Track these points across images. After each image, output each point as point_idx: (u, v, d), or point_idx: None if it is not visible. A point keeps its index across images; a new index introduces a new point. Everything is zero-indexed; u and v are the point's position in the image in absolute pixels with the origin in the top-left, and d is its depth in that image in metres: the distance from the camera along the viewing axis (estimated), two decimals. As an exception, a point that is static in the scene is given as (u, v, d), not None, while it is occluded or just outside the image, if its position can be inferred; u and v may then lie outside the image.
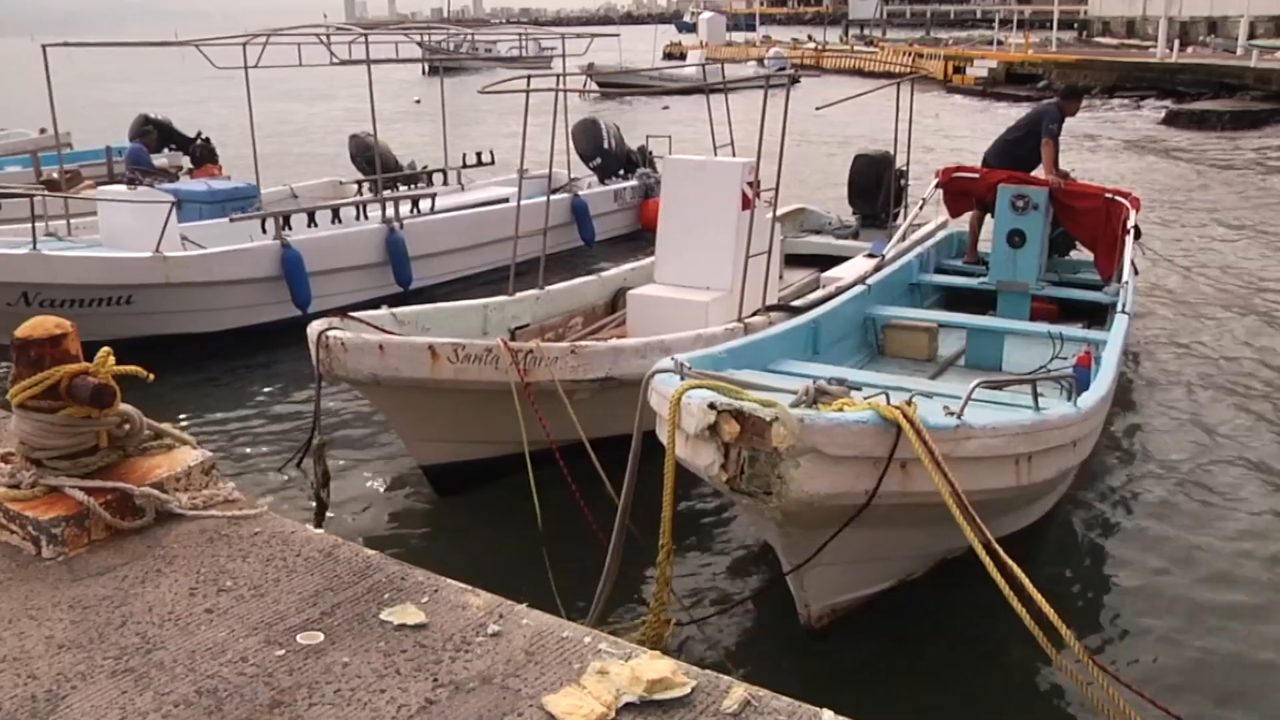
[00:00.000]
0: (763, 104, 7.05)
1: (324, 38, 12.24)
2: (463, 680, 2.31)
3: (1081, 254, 9.77)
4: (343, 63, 11.94)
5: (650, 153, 15.11)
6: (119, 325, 9.03)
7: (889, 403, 4.23)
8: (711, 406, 4.15)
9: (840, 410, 4.22)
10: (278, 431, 8.05)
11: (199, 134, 15.59)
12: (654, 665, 2.27)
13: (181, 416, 8.02)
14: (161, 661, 2.39)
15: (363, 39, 11.99)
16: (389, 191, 12.06)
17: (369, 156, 13.94)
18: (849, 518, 4.41)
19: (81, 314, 8.95)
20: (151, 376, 3.18)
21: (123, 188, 10.82)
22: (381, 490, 6.87)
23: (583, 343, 6.40)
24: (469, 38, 23.03)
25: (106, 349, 3.04)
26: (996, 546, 3.82)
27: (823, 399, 4.38)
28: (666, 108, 27.29)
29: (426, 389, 5.98)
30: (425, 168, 14.30)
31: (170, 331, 9.53)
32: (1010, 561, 3.76)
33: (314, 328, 6.15)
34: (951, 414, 4.48)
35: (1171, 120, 27.69)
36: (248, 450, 7.70)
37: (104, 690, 2.29)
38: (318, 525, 5.90)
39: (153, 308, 9.48)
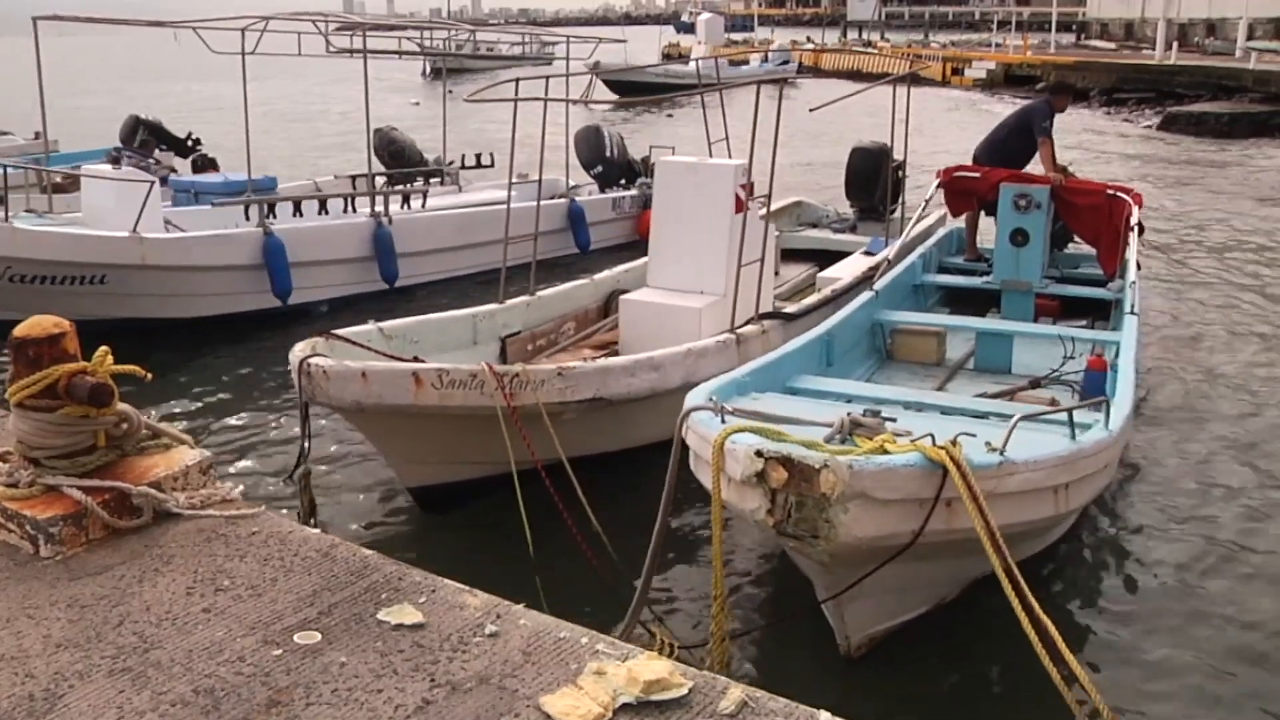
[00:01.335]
0: (754, 105, 7.01)
1: (321, 26, 12.16)
2: (460, 680, 2.31)
3: (1079, 246, 9.77)
4: (339, 51, 11.86)
5: (654, 164, 14.97)
6: (92, 306, 8.94)
7: (934, 442, 4.23)
8: (759, 454, 4.14)
9: (881, 448, 4.22)
10: (257, 426, 8.00)
11: (189, 134, 15.57)
12: (651, 666, 2.28)
13: (159, 404, 7.94)
14: (159, 661, 2.40)
15: (361, 32, 11.93)
16: (378, 184, 11.95)
17: (394, 150, 13.91)
18: (892, 555, 4.42)
19: (54, 292, 8.92)
20: (149, 376, 3.18)
21: (108, 168, 10.75)
22: (370, 508, 6.77)
23: (569, 364, 6.32)
24: (472, 36, 22.89)
25: (105, 348, 3.04)
26: (1026, 592, 3.90)
27: (859, 432, 4.40)
28: (671, 115, 27.16)
29: (411, 414, 5.91)
30: (452, 163, 14.20)
31: (145, 315, 9.39)
32: (1038, 609, 3.83)
33: (296, 354, 6.04)
34: (994, 450, 4.49)
35: (1169, 122, 27.69)
36: (226, 444, 7.64)
37: (101, 689, 2.29)
38: None
39: (128, 290, 9.35)
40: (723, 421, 4.52)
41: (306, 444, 6.35)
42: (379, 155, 14.01)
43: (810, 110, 7.94)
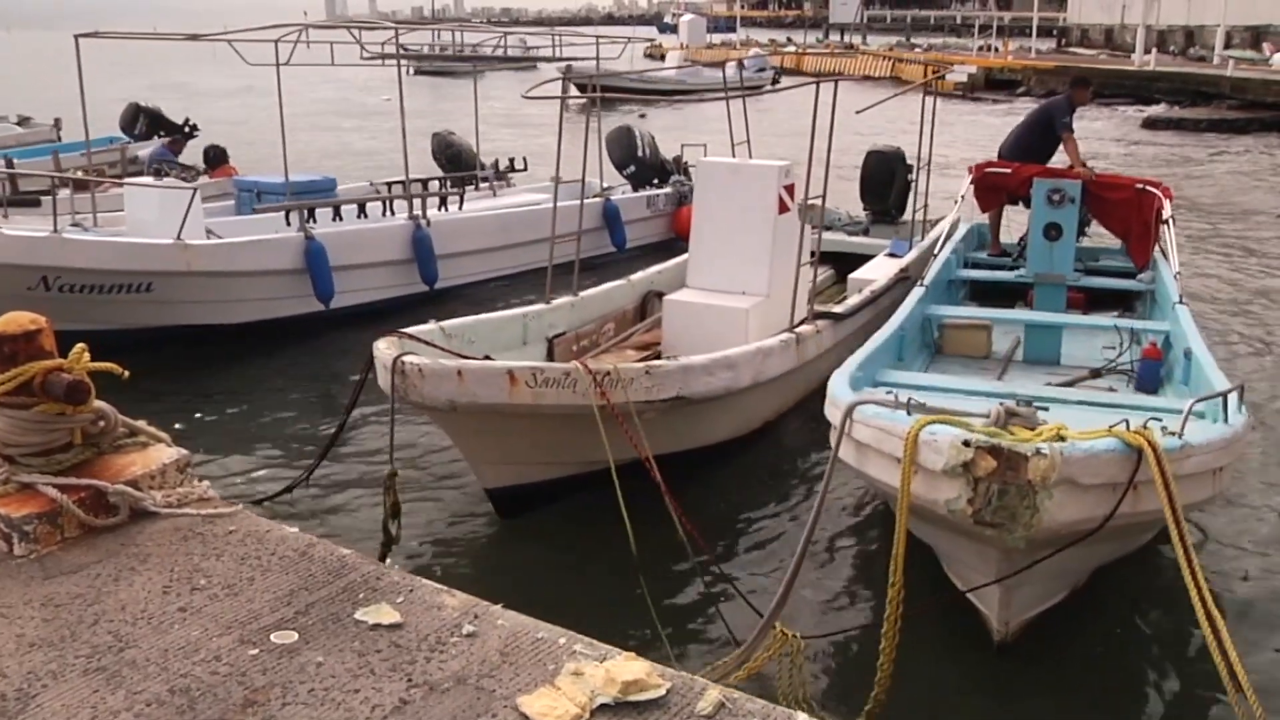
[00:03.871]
0: (818, 104, 7.04)
1: (356, 34, 12.32)
2: (437, 680, 2.30)
3: (1093, 241, 9.88)
4: (373, 58, 11.94)
5: (686, 162, 14.89)
6: (139, 314, 9.07)
7: (1128, 427, 4.43)
8: (966, 444, 4.26)
9: (1058, 436, 4.37)
10: (292, 433, 7.97)
11: (187, 120, 15.67)
12: (629, 667, 2.28)
13: (197, 415, 8.01)
14: (134, 660, 2.38)
15: (394, 36, 12.05)
16: (415, 188, 12.02)
17: (450, 154, 14.06)
18: (1077, 539, 4.57)
19: (102, 300, 9.03)
20: (126, 374, 3.16)
21: (150, 179, 10.87)
22: (448, 516, 6.67)
23: (656, 362, 6.36)
24: (503, 40, 22.96)
25: (81, 345, 3.02)
26: (1195, 559, 4.10)
27: (1014, 422, 4.54)
28: (643, 115, 27.03)
29: (502, 413, 5.90)
30: (512, 164, 14.28)
31: (190, 322, 9.50)
32: (1207, 591, 4.02)
33: (384, 353, 5.99)
34: (1172, 434, 4.65)
35: (1148, 128, 28.00)
36: (259, 453, 7.60)
37: (75, 689, 2.28)
38: (381, 559, 5.72)
39: (173, 297, 9.43)
40: (909, 414, 4.66)
41: (328, 436, 6.32)
42: (436, 159, 14.22)
43: (856, 112, 7.97)
